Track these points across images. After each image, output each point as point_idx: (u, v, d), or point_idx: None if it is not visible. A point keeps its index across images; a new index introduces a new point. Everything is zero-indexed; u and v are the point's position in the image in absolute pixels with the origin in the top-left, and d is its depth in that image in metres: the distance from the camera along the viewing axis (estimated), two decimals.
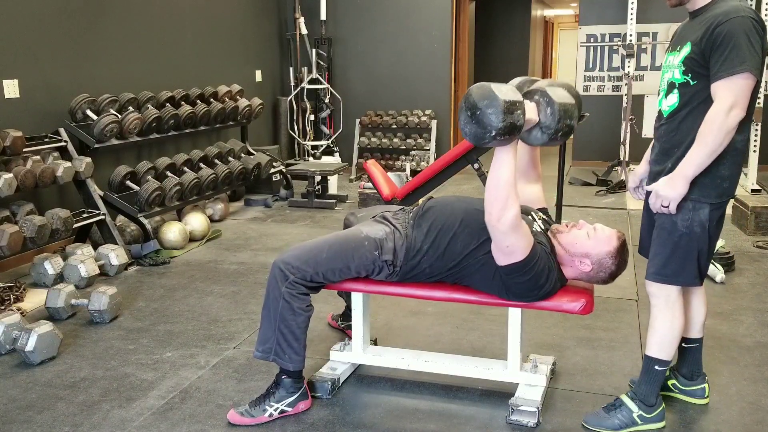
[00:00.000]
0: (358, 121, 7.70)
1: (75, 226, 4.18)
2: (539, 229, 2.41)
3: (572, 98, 2.21)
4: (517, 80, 2.57)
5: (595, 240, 2.35)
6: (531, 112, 2.12)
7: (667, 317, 2.32)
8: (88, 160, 4.43)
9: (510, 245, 2.21)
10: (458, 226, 2.39)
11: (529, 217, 2.46)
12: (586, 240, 2.35)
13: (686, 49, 2.22)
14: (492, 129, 2.00)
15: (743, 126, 2.18)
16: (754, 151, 6.14)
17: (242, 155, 6.03)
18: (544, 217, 2.55)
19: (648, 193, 2.40)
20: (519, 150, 2.25)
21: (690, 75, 2.21)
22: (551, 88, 2.19)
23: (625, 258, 2.38)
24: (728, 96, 2.09)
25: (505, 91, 2.03)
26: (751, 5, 7.73)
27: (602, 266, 2.35)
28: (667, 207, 2.22)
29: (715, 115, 2.10)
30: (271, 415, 2.44)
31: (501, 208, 2.14)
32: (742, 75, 2.08)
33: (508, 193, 2.13)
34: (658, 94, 2.41)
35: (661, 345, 2.34)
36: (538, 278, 2.29)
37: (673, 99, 2.28)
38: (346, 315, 3.16)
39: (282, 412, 2.46)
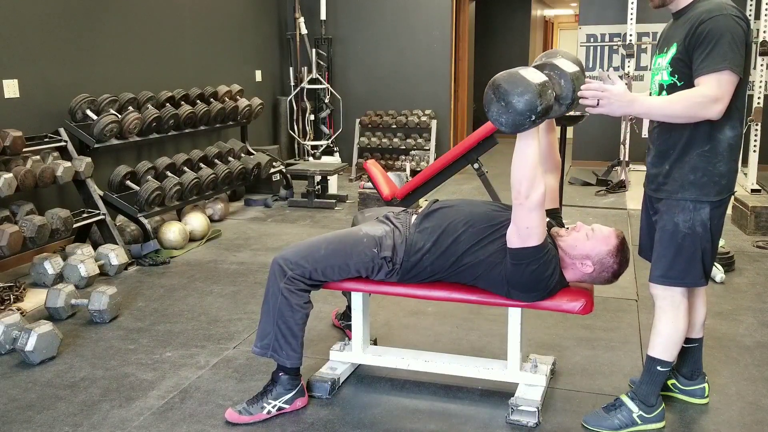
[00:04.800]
0: (358, 121, 7.70)
1: (75, 226, 4.18)
2: None
3: (577, 65, 2.25)
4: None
5: (594, 240, 2.35)
6: None
7: (671, 318, 2.32)
8: (88, 160, 4.43)
9: (530, 227, 2.22)
10: (462, 227, 2.39)
11: None
12: (585, 241, 2.35)
13: (672, 50, 2.23)
14: (532, 114, 2.04)
15: (734, 123, 2.19)
16: (754, 151, 6.13)
17: (242, 155, 6.03)
18: (551, 221, 2.52)
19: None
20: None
21: (677, 76, 2.22)
22: (558, 59, 2.23)
23: (627, 255, 2.38)
24: (715, 88, 2.08)
25: (533, 75, 2.07)
26: (751, 5, 7.63)
27: (604, 266, 2.35)
28: (596, 104, 2.14)
29: (700, 96, 2.09)
30: (269, 412, 2.45)
31: (529, 187, 2.16)
32: (724, 72, 2.08)
33: (535, 172, 2.16)
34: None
35: (665, 346, 2.34)
36: (545, 268, 2.29)
37: None
38: (347, 314, 3.16)
39: (280, 409, 2.47)
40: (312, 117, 7.71)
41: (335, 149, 7.68)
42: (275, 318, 2.42)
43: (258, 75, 7.33)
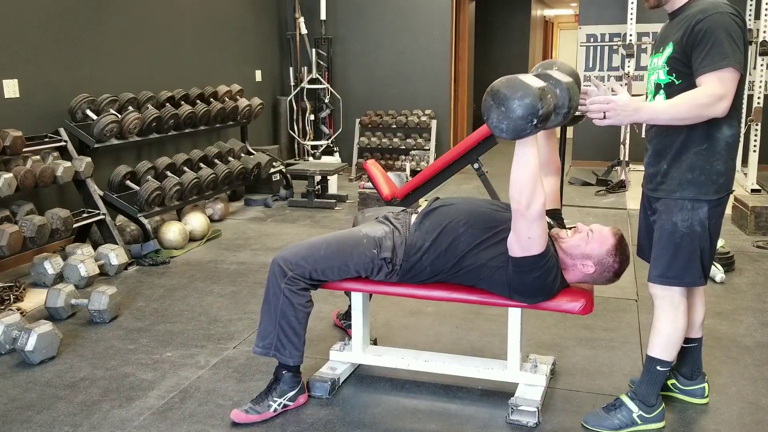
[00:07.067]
0: (358, 120, 7.70)
1: (75, 225, 4.18)
2: None
3: (572, 77, 2.28)
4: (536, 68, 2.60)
5: (594, 241, 2.35)
6: None
7: (670, 318, 2.32)
8: (88, 159, 4.43)
9: (532, 237, 2.21)
10: (462, 226, 2.39)
11: None
12: (584, 242, 2.35)
13: (669, 50, 2.23)
14: (533, 118, 2.00)
15: (732, 121, 2.19)
16: (754, 151, 6.13)
17: (242, 155, 6.03)
18: (551, 222, 2.51)
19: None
20: (539, 140, 2.27)
21: (674, 75, 2.22)
22: (553, 71, 2.23)
23: (626, 254, 2.38)
24: (718, 86, 2.08)
25: (532, 80, 2.05)
26: (751, 5, 7.62)
27: (605, 266, 2.35)
28: (602, 117, 2.17)
29: (705, 96, 2.08)
30: (275, 410, 2.47)
31: (529, 197, 2.14)
32: (727, 69, 2.08)
33: (535, 181, 2.14)
34: (646, 97, 2.41)
35: (665, 346, 2.34)
36: (547, 275, 2.28)
37: (660, 100, 2.28)
38: (349, 314, 3.16)
39: (285, 406, 2.49)
40: (312, 117, 7.71)
41: (335, 149, 7.68)
42: (277, 318, 2.43)
43: (258, 75, 7.33)
